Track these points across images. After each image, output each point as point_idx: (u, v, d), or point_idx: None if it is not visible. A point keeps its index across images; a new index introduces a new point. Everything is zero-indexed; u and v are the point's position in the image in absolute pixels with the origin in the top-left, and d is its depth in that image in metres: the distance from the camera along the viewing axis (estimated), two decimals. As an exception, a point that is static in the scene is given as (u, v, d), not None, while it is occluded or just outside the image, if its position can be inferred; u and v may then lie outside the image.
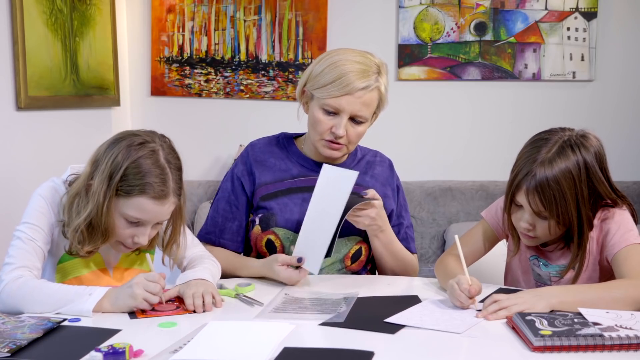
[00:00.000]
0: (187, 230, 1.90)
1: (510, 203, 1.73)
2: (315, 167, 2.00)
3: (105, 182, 1.61)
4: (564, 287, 1.64)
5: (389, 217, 2.02)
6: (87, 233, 1.64)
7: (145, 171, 1.61)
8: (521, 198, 1.68)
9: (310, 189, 1.96)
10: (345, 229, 1.95)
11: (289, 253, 1.91)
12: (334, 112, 1.88)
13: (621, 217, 1.71)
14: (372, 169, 2.07)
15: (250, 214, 2.03)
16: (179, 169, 1.70)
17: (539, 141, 1.70)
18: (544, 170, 1.63)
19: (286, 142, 2.07)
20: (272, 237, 1.95)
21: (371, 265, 2.06)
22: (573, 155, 1.64)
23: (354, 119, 1.89)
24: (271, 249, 1.95)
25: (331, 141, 1.91)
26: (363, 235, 1.97)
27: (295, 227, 1.93)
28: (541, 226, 1.70)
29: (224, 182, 2.07)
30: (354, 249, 1.96)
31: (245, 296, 1.69)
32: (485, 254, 1.92)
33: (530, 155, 1.67)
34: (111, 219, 1.64)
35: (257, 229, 1.98)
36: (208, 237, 2.04)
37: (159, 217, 1.68)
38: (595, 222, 1.72)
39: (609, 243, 1.69)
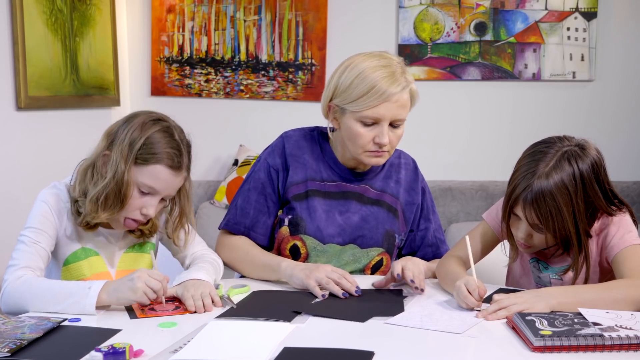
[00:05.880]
0: (191, 228, 1.91)
1: (509, 214, 1.73)
2: (346, 174, 1.97)
3: (125, 150, 1.67)
4: (563, 287, 1.64)
5: (413, 221, 2.02)
6: (105, 202, 1.68)
7: (162, 142, 1.70)
8: (519, 211, 1.69)
9: (337, 194, 1.94)
10: (369, 240, 1.94)
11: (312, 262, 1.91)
12: (373, 123, 1.84)
13: (620, 218, 1.71)
14: (397, 172, 2.03)
15: (281, 210, 1.98)
16: (189, 147, 1.77)
17: (537, 154, 1.68)
18: (540, 185, 1.62)
19: (321, 139, 2.01)
20: (299, 243, 1.92)
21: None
22: (569, 169, 1.63)
23: (392, 124, 1.86)
24: (295, 254, 1.92)
25: (376, 151, 1.88)
26: (385, 247, 1.96)
27: (322, 238, 1.92)
28: (538, 237, 1.70)
29: (255, 171, 1.98)
30: (375, 260, 1.95)
31: (227, 298, 1.68)
32: (486, 254, 1.92)
33: (528, 169, 1.66)
34: (129, 188, 1.68)
35: (285, 229, 1.94)
36: (236, 227, 1.96)
37: (170, 189, 1.72)
38: (595, 225, 1.72)
39: (608, 244, 1.70)
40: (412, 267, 1.75)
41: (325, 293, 1.70)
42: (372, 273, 1.96)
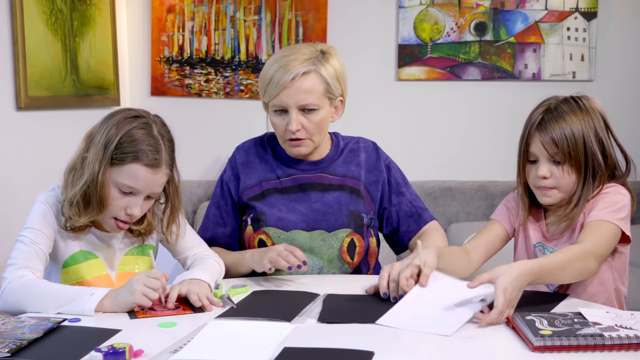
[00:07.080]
0: (191, 229, 1.91)
1: (524, 163, 1.81)
2: (300, 165, 2.02)
3: (100, 152, 1.65)
4: (528, 264, 1.60)
5: (382, 198, 2.04)
6: (83, 204, 1.67)
7: (138, 139, 1.67)
8: (535, 145, 1.78)
9: (294, 188, 1.99)
10: (334, 222, 1.96)
11: None
12: (283, 111, 1.92)
13: (615, 198, 1.75)
14: (356, 157, 2.07)
15: (244, 214, 2.05)
16: (171, 141, 1.75)
17: (544, 99, 1.89)
18: (550, 113, 1.79)
19: (271, 141, 2.09)
20: (263, 236, 1.97)
21: (374, 262, 2.05)
22: (575, 104, 1.81)
23: (304, 110, 1.91)
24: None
25: (291, 139, 1.94)
26: (353, 227, 1.97)
27: (285, 226, 1.95)
28: (557, 173, 1.76)
29: (215, 187, 2.11)
30: (347, 241, 1.97)
31: (227, 297, 1.68)
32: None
33: (537, 109, 1.85)
34: (106, 189, 1.66)
35: (249, 229, 2.00)
36: None
37: (151, 187, 1.70)
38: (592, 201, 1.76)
39: (591, 214, 1.73)
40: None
41: (272, 268, 1.78)
42: (351, 257, 1.97)
